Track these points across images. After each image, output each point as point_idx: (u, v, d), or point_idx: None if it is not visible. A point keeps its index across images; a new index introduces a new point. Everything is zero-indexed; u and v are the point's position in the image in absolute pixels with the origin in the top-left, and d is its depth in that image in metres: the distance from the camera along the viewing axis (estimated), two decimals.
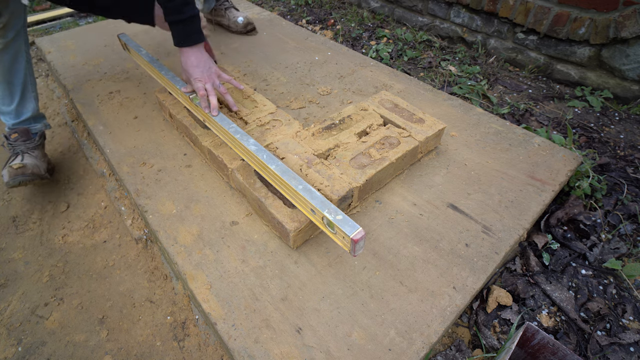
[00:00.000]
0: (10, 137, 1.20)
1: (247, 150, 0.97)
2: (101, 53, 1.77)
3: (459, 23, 2.02)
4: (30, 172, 1.16)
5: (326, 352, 0.76)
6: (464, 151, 1.22)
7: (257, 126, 1.16)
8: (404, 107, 1.23)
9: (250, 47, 1.81)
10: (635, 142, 1.43)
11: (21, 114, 1.21)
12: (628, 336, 0.90)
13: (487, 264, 0.92)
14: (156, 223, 1.01)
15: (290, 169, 0.90)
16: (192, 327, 0.94)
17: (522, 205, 1.05)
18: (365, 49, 2.04)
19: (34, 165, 1.18)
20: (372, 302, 0.84)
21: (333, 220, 0.77)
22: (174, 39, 1.10)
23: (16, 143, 1.20)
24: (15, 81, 1.15)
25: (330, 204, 0.80)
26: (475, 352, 0.89)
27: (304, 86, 1.54)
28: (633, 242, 1.11)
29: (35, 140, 1.24)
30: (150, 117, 1.37)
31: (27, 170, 1.15)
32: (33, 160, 1.19)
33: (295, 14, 2.48)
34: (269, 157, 0.92)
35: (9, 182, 1.13)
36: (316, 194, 0.83)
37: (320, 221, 0.83)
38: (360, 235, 0.74)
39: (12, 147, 1.21)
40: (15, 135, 1.20)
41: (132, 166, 1.18)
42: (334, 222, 0.77)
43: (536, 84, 1.78)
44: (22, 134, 1.20)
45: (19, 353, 0.90)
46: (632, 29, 1.45)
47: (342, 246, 0.80)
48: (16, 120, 1.21)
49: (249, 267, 0.90)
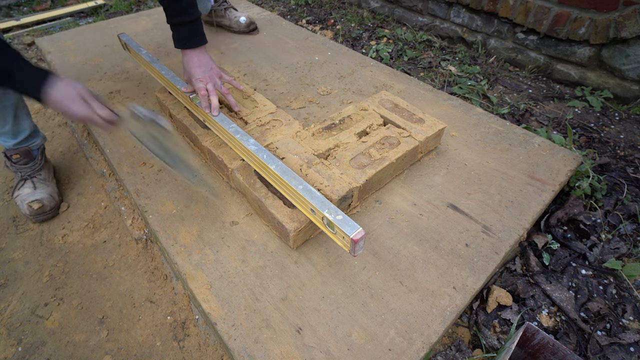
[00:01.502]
0: (12, 157, 1.18)
1: (247, 150, 0.97)
2: (101, 53, 1.77)
3: (459, 23, 2.02)
4: (50, 209, 1.19)
5: (326, 352, 0.76)
6: (464, 151, 1.22)
7: (257, 126, 1.16)
8: (404, 107, 1.23)
9: (250, 47, 1.81)
10: (635, 142, 1.43)
11: (18, 133, 1.16)
12: (628, 336, 0.90)
13: (487, 264, 0.92)
14: (156, 223, 1.01)
15: (290, 169, 0.90)
16: (192, 327, 0.94)
17: (522, 205, 1.05)
18: (365, 49, 2.04)
19: (50, 198, 1.19)
20: (372, 302, 0.84)
21: (333, 220, 0.77)
22: (178, 41, 1.09)
23: (20, 166, 1.19)
24: (7, 102, 1.08)
25: (330, 204, 0.80)
26: (475, 352, 0.89)
27: (304, 86, 1.54)
28: (633, 242, 1.11)
29: (38, 159, 1.22)
30: None
31: (46, 209, 1.18)
32: (46, 192, 1.19)
33: (295, 14, 2.48)
34: (269, 157, 0.92)
35: (29, 217, 1.18)
36: (316, 193, 0.83)
37: (320, 221, 0.83)
38: (360, 235, 0.74)
39: (17, 169, 1.19)
40: (17, 156, 1.18)
41: (132, 166, 1.18)
42: (334, 222, 0.77)
43: (536, 84, 1.78)
44: (24, 155, 1.19)
45: (19, 353, 0.90)
46: (632, 29, 1.45)
47: (342, 246, 0.80)
48: (15, 140, 1.16)
49: (249, 267, 0.90)
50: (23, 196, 1.17)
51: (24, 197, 1.17)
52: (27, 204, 1.15)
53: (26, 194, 1.17)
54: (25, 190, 1.18)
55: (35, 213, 1.16)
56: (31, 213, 1.16)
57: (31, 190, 1.18)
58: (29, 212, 1.16)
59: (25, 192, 1.18)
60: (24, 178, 1.20)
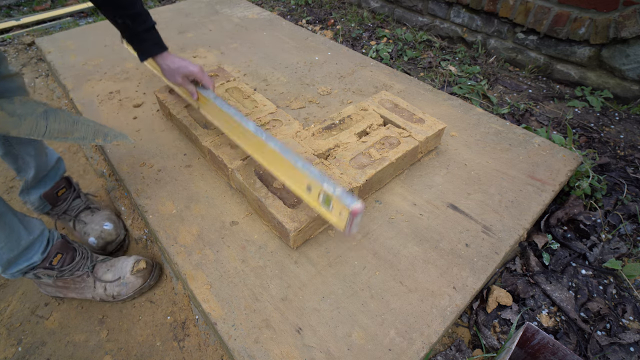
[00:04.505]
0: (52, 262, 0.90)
1: (245, 131, 0.95)
2: (101, 53, 1.77)
3: (459, 23, 2.02)
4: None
5: (326, 352, 0.76)
6: (464, 151, 1.22)
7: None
8: (404, 107, 1.23)
9: (250, 47, 1.81)
10: (635, 142, 1.43)
11: (32, 232, 0.87)
12: (628, 336, 0.90)
13: (487, 264, 0.92)
14: (156, 223, 1.01)
15: (289, 149, 0.89)
16: (192, 327, 0.94)
17: (522, 205, 1.05)
18: (365, 49, 2.04)
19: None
20: (372, 302, 0.84)
21: (332, 194, 0.75)
22: (154, 48, 1.04)
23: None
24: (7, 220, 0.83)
25: (329, 179, 0.78)
26: (475, 352, 0.89)
27: (304, 86, 1.54)
28: (633, 242, 1.11)
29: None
30: (150, 117, 1.37)
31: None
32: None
33: (295, 14, 2.48)
34: (267, 137, 0.91)
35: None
36: (314, 170, 0.81)
37: (315, 200, 0.81)
38: (359, 206, 0.72)
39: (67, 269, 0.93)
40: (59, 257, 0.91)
41: (132, 166, 1.18)
42: (332, 195, 0.75)
43: (536, 84, 1.78)
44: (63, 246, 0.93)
45: (19, 353, 0.89)
46: (632, 29, 1.45)
47: (335, 225, 0.78)
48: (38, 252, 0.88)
49: (249, 267, 0.90)
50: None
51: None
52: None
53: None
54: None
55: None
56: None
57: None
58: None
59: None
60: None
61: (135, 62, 1.67)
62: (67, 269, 0.92)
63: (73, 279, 0.94)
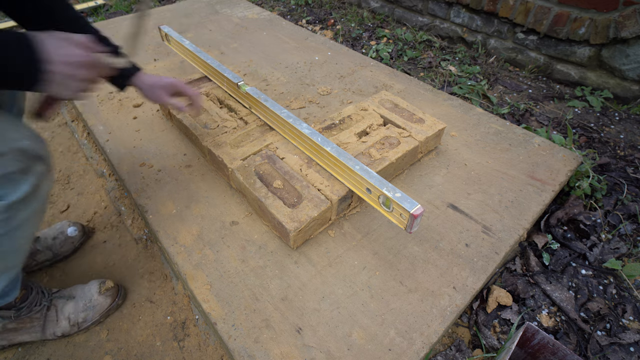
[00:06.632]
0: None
1: (300, 133, 1.00)
2: None
3: (459, 23, 2.02)
4: None
5: (326, 352, 0.76)
6: (464, 151, 1.22)
7: (257, 126, 1.16)
8: (404, 107, 1.23)
9: (250, 47, 1.81)
10: (635, 142, 1.44)
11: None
12: (628, 336, 0.90)
13: (487, 264, 0.92)
14: (156, 223, 1.01)
15: (344, 150, 0.95)
16: (192, 327, 0.94)
17: (522, 205, 1.05)
18: (365, 49, 2.04)
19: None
20: (372, 302, 0.84)
21: (393, 198, 0.80)
22: (127, 68, 0.93)
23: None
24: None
25: (388, 182, 0.84)
26: (475, 352, 0.89)
27: (304, 86, 1.54)
28: (633, 242, 1.11)
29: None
30: (150, 117, 1.37)
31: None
32: None
33: (295, 14, 2.48)
34: (323, 140, 0.96)
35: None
36: (373, 173, 0.87)
37: (375, 200, 0.86)
38: (419, 211, 0.78)
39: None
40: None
41: (132, 166, 1.18)
42: (392, 199, 0.80)
43: (536, 84, 1.78)
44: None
45: (19, 353, 0.89)
46: (632, 29, 1.45)
47: (397, 224, 0.84)
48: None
49: (249, 267, 0.90)
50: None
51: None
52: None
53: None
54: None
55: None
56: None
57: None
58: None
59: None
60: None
61: None
62: (25, 306, 0.83)
63: (31, 317, 0.85)
